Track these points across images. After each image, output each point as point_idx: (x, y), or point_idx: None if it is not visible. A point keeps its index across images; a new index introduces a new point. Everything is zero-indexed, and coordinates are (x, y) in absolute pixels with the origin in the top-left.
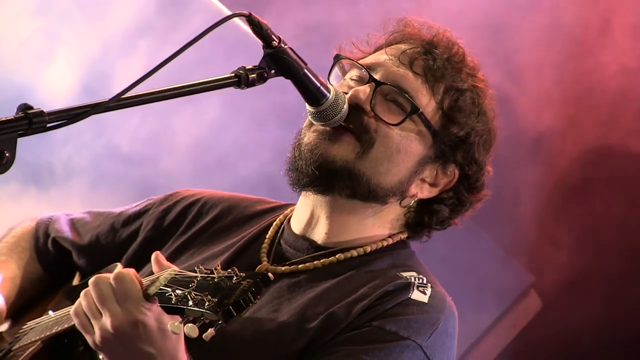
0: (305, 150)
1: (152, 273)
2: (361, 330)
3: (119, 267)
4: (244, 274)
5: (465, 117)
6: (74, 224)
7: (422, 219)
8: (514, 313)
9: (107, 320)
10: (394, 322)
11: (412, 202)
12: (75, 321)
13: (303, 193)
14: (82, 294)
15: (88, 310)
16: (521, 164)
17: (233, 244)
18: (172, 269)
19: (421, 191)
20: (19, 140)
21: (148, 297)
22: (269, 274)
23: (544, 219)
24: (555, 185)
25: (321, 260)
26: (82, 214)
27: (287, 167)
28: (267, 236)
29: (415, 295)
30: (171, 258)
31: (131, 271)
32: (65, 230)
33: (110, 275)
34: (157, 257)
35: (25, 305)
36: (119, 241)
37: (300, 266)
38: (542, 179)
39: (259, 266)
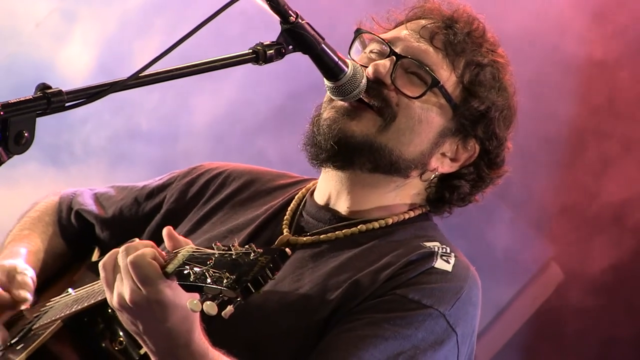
0: (324, 125)
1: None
2: (384, 298)
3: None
4: (261, 250)
5: (486, 92)
6: (97, 197)
7: (443, 194)
8: (535, 286)
9: (126, 293)
10: (417, 290)
11: (433, 176)
12: (101, 273)
13: (324, 169)
14: (111, 253)
15: (111, 274)
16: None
17: (256, 217)
18: (190, 246)
19: (442, 165)
20: (38, 120)
21: (167, 275)
22: (287, 250)
23: (563, 190)
24: (575, 157)
25: (343, 231)
26: (106, 188)
27: (305, 142)
28: (290, 208)
29: (439, 264)
30: (193, 228)
31: (147, 252)
32: (89, 204)
33: (128, 260)
34: (169, 232)
35: (47, 280)
36: (142, 214)
37: (322, 236)
38: (561, 152)
39: (280, 237)
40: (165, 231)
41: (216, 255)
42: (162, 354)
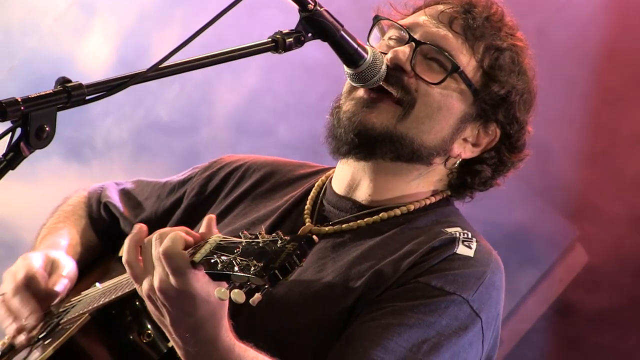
0: (343, 118)
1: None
2: (407, 286)
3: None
4: (288, 238)
5: (506, 76)
6: (123, 193)
7: (465, 179)
8: (560, 267)
9: (155, 282)
10: (440, 277)
11: (456, 162)
12: (128, 270)
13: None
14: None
15: (144, 260)
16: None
17: (277, 208)
18: (217, 235)
19: (464, 151)
20: (59, 114)
21: (194, 265)
22: (314, 237)
23: (588, 171)
24: (600, 138)
25: (364, 220)
26: (131, 184)
27: (326, 134)
28: (310, 197)
29: (461, 249)
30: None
31: (178, 241)
32: (116, 199)
33: (160, 250)
34: (209, 220)
35: (80, 273)
36: (163, 209)
37: (344, 226)
38: (587, 132)
39: (303, 227)
40: (206, 219)
41: (243, 244)
42: (188, 348)
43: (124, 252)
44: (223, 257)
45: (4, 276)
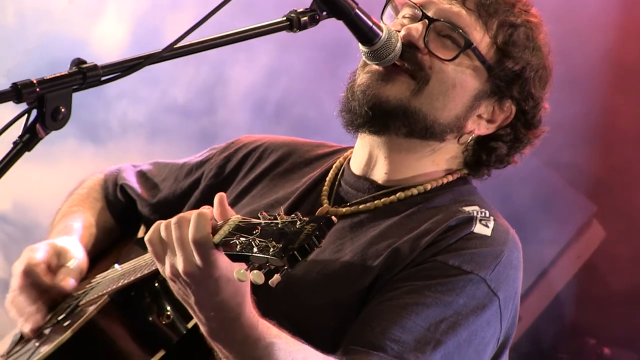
0: (358, 91)
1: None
2: (425, 265)
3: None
4: (307, 219)
5: (520, 52)
6: (140, 175)
7: (480, 156)
8: (577, 244)
9: (179, 264)
10: (457, 256)
11: (470, 138)
12: (149, 248)
13: (360, 135)
14: (163, 225)
15: (167, 243)
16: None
17: (296, 189)
18: (236, 217)
19: (478, 127)
20: (74, 98)
21: (214, 246)
22: (333, 218)
23: (603, 148)
24: (617, 115)
25: (382, 200)
26: (148, 166)
27: (340, 108)
28: (328, 178)
29: (478, 228)
30: (233, 202)
31: (207, 231)
32: (133, 181)
33: (190, 237)
34: (221, 199)
35: (96, 256)
36: (181, 191)
37: (361, 206)
38: (603, 109)
39: (320, 208)
40: (217, 198)
41: (262, 225)
42: (212, 325)
43: (149, 230)
44: (242, 239)
45: (12, 270)
